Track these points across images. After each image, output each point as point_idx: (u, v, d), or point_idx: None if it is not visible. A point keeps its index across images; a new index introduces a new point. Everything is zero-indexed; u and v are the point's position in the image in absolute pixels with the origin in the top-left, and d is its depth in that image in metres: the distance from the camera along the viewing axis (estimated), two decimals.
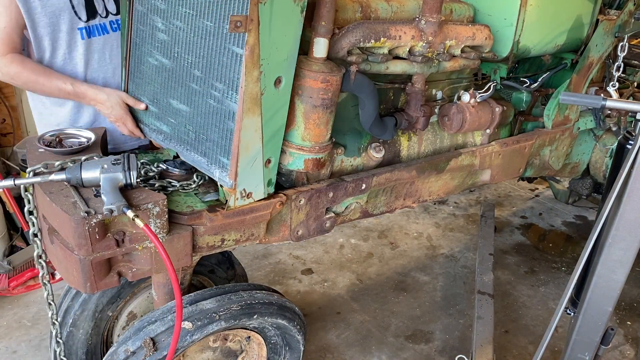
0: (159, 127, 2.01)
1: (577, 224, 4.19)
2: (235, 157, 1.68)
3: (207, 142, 1.80)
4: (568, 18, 2.47)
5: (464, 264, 3.59)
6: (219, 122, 1.73)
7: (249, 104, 1.62)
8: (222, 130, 1.73)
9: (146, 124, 2.07)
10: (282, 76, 1.68)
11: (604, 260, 1.76)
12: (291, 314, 2.03)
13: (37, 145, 1.89)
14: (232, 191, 1.75)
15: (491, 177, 2.59)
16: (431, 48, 2.03)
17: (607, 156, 3.08)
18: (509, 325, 3.02)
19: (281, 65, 1.66)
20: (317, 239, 3.74)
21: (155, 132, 2.04)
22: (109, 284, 1.67)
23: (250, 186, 1.78)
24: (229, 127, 1.70)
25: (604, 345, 1.91)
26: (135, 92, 2.07)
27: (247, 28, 1.51)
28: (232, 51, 1.62)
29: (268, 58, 1.60)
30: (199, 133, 1.83)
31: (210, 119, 1.77)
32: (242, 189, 1.76)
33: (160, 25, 1.85)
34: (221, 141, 1.74)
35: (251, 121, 1.65)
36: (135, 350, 1.74)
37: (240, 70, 1.59)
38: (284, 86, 1.71)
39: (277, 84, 1.68)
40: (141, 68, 2.00)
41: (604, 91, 2.82)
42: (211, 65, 1.70)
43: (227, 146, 1.72)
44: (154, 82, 1.96)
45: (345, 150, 2.11)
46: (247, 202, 1.81)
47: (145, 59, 1.96)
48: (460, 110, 2.29)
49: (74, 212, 1.54)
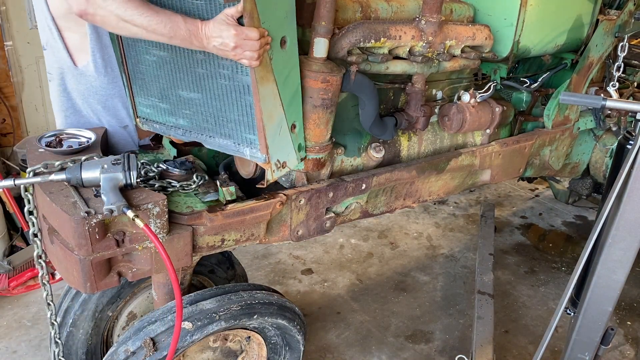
0: (174, 122, 1.94)
1: (577, 224, 4.19)
2: (261, 129, 1.65)
3: (228, 123, 1.77)
4: (568, 18, 2.47)
5: (464, 264, 3.59)
6: (236, 99, 1.70)
7: (262, 72, 1.58)
8: (241, 107, 1.70)
9: (161, 123, 1.99)
10: (285, 35, 1.64)
11: (604, 260, 1.76)
12: (291, 314, 2.03)
13: (37, 145, 1.89)
14: (267, 165, 1.73)
15: (491, 177, 2.59)
16: (431, 48, 2.03)
17: (607, 156, 3.08)
18: (509, 325, 3.02)
19: (282, 23, 1.62)
20: (317, 239, 3.74)
21: (172, 128, 1.96)
22: (109, 284, 1.67)
23: (283, 155, 1.77)
24: (247, 101, 1.66)
25: (604, 345, 1.91)
26: (140, 93, 2.00)
27: None
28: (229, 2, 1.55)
29: (268, 20, 1.55)
30: (217, 117, 1.79)
31: (226, 99, 1.73)
32: (275, 160, 1.74)
33: None
34: (243, 118, 1.71)
35: (268, 88, 1.62)
36: (135, 350, 1.74)
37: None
38: (289, 45, 1.67)
39: (282, 45, 1.65)
40: (141, 68, 1.93)
41: (604, 91, 2.82)
42: None
43: (251, 122, 1.69)
44: (158, 79, 1.90)
45: (345, 150, 2.11)
46: (284, 172, 1.79)
47: (142, 57, 1.89)
48: (460, 110, 2.29)
49: (74, 212, 1.53)
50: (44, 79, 4.12)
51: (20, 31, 3.96)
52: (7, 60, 3.93)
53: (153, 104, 1.97)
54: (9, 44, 3.94)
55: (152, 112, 2.00)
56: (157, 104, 1.96)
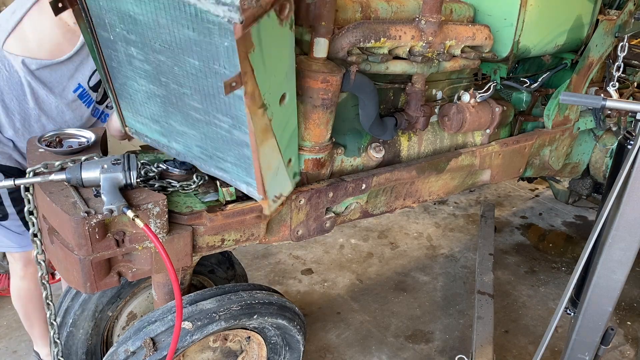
0: (167, 144, 1.86)
1: (577, 224, 4.19)
2: (259, 178, 1.62)
3: (225, 162, 1.72)
4: (568, 18, 2.47)
5: (464, 264, 3.59)
6: (233, 148, 1.63)
7: (262, 136, 1.52)
8: (239, 155, 1.64)
9: (153, 139, 1.90)
10: (285, 92, 1.60)
11: (604, 260, 1.76)
12: (291, 314, 2.03)
13: (37, 145, 1.89)
14: (264, 202, 1.73)
15: (491, 177, 2.59)
16: (431, 48, 2.03)
17: (607, 156, 3.08)
18: (509, 325, 3.02)
19: (282, 84, 1.57)
20: (317, 239, 3.74)
21: (165, 147, 1.89)
22: (109, 284, 1.67)
23: (279, 190, 1.77)
24: (245, 153, 1.60)
25: (604, 345, 1.91)
26: (129, 109, 1.88)
27: (243, 82, 1.37)
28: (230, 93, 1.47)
29: (269, 90, 1.48)
30: (213, 155, 1.72)
31: (222, 144, 1.65)
32: (272, 197, 1.74)
33: (136, 54, 1.62)
34: (240, 163, 1.66)
35: (267, 146, 1.57)
36: (135, 350, 1.74)
37: (243, 108, 1.45)
38: (289, 99, 1.63)
39: (281, 101, 1.60)
40: (128, 90, 1.79)
41: (604, 91, 2.82)
42: (209, 100, 1.55)
43: (248, 167, 1.63)
44: (148, 104, 1.77)
45: (345, 150, 2.11)
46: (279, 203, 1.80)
47: (129, 82, 1.74)
48: (460, 110, 2.29)
49: (74, 212, 1.53)
50: None
51: None
52: None
53: (144, 122, 1.87)
54: None
55: (142, 128, 1.90)
56: (148, 123, 1.86)
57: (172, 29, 1.44)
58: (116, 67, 1.75)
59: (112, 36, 1.64)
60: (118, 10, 1.53)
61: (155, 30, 1.48)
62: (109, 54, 1.72)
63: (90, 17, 1.65)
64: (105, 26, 1.62)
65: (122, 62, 1.70)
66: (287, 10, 1.43)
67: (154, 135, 1.89)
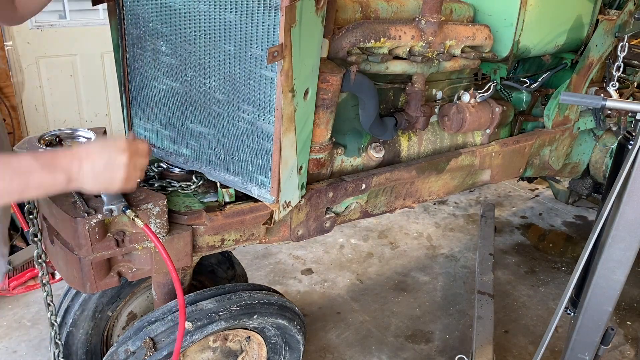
0: (176, 150, 1.86)
1: (577, 224, 4.19)
2: (276, 174, 1.64)
3: (239, 162, 1.73)
4: (568, 18, 2.47)
5: (464, 264, 3.59)
6: (252, 142, 1.66)
7: (287, 124, 1.58)
8: (257, 151, 1.66)
9: (161, 148, 1.89)
10: (309, 87, 1.66)
11: (604, 260, 1.76)
12: (291, 314, 2.03)
13: (37, 145, 1.89)
14: (275, 206, 1.73)
15: (491, 177, 2.59)
16: (431, 48, 2.03)
17: (607, 156, 3.08)
18: (509, 325, 3.02)
19: (308, 77, 1.64)
20: (317, 239, 3.74)
21: (172, 155, 1.88)
22: (109, 284, 1.67)
23: (289, 196, 1.78)
24: (264, 147, 1.64)
25: (604, 345, 1.91)
26: (140, 116, 1.90)
27: (282, 55, 1.47)
28: (262, 75, 1.55)
29: (299, 76, 1.57)
30: (228, 154, 1.74)
31: (240, 140, 1.69)
32: (283, 201, 1.75)
33: (164, 49, 1.70)
34: (256, 160, 1.68)
35: (288, 139, 1.62)
36: (135, 350, 1.74)
37: (272, 93, 1.54)
38: (311, 95, 1.70)
39: (305, 96, 1.65)
40: (145, 93, 1.83)
41: (604, 91, 2.82)
42: (236, 88, 1.62)
43: (265, 165, 1.66)
44: (164, 106, 1.81)
45: (345, 150, 2.11)
46: (287, 211, 1.82)
47: (149, 83, 1.79)
48: (460, 110, 2.29)
49: (74, 212, 1.53)
50: (44, 79, 4.12)
51: (20, 31, 3.96)
52: (7, 60, 3.93)
53: (154, 128, 1.88)
54: (9, 44, 3.94)
55: (152, 136, 1.90)
56: (159, 129, 1.87)
57: (212, 14, 1.55)
58: (138, 68, 1.81)
59: (142, 32, 1.72)
60: (157, 1, 1.63)
61: (194, 17, 1.59)
62: (133, 53, 1.79)
63: (123, 14, 1.73)
64: (137, 22, 1.72)
65: (146, 61, 1.77)
66: (322, 1, 1.55)
67: (163, 142, 1.89)
